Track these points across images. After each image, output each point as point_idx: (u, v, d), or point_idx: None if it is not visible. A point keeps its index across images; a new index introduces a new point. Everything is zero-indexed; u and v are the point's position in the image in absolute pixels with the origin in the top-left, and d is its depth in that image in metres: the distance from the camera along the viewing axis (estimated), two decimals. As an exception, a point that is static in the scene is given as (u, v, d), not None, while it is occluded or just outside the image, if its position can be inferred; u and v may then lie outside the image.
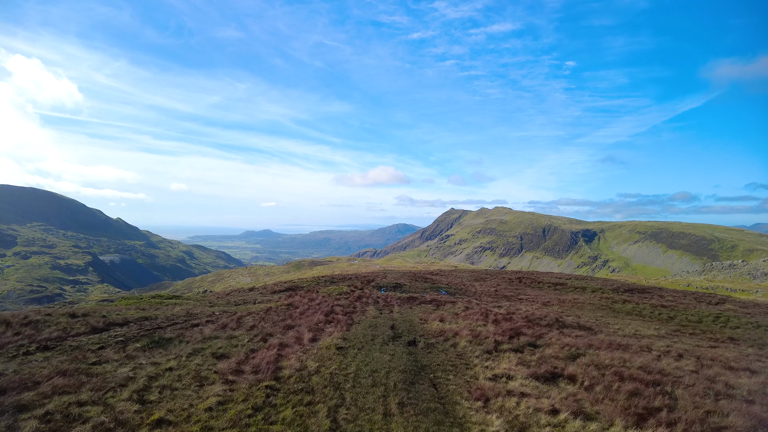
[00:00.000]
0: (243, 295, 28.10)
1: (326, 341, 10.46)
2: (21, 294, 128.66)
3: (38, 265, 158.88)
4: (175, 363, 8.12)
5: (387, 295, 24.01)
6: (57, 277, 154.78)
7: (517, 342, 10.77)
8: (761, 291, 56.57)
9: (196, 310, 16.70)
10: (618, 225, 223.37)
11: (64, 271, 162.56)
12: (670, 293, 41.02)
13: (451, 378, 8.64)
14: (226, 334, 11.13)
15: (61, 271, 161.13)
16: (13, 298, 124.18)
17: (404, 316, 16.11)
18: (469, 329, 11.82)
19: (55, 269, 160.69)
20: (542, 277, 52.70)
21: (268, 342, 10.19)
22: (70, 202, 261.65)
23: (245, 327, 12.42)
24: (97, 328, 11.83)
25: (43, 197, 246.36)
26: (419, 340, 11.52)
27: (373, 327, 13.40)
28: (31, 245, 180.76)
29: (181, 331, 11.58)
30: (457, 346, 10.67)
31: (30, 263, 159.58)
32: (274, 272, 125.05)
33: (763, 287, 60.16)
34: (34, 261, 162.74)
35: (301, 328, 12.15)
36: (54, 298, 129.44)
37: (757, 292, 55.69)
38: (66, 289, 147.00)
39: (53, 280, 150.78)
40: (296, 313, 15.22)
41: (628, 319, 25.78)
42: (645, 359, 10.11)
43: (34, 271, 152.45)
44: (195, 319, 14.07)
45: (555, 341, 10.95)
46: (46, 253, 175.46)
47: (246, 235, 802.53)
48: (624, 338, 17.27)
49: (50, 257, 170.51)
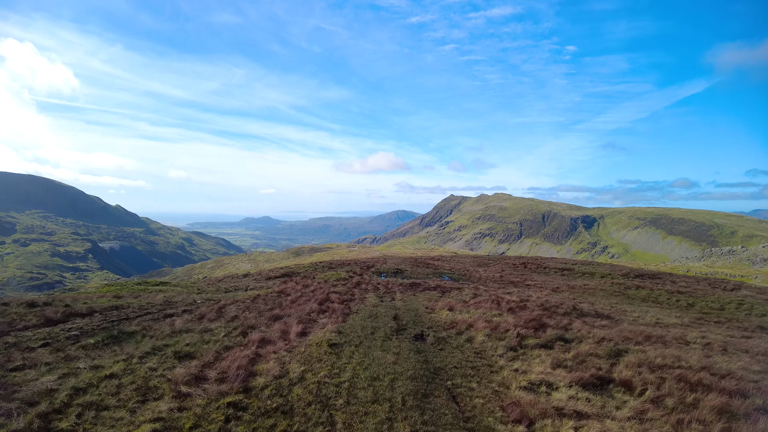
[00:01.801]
0: (236, 281, 26.54)
1: (317, 336, 8.76)
2: (21, 281, 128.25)
3: (38, 253, 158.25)
4: (121, 367, 6.34)
5: (388, 281, 22.39)
6: (57, 264, 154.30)
7: (543, 335, 9.08)
8: (761, 277, 55.09)
9: (177, 298, 15.07)
10: (618, 211, 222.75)
11: (64, 258, 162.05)
12: (682, 279, 39.48)
13: (475, 387, 6.78)
14: (200, 327, 9.46)
15: (60, 258, 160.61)
16: (13, 285, 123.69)
17: (408, 304, 14.49)
18: (484, 320, 10.16)
19: (54, 256, 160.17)
20: (548, 262, 51.14)
21: (248, 337, 8.51)
22: (68, 189, 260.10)
23: (226, 318, 10.77)
24: (53, 319, 10.18)
25: (41, 184, 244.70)
26: (427, 333, 9.85)
27: (373, 317, 11.76)
28: (30, 232, 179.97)
29: (149, 323, 9.93)
30: (473, 340, 8.97)
31: (29, 250, 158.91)
32: (273, 259, 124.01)
33: (762, 273, 58.89)
34: (33, 248, 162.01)
35: (290, 319, 10.49)
36: (54, 285, 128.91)
37: (756, 278, 54.22)
38: (66, 276, 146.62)
39: (53, 267, 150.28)
40: (287, 301, 13.57)
41: (644, 306, 24.30)
42: (696, 356, 8.45)
43: (33, 258, 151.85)
44: (172, 308, 12.43)
45: (586, 334, 9.32)
46: (46, 240, 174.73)
47: (245, 221, 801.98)
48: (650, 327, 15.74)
49: (50, 244, 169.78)
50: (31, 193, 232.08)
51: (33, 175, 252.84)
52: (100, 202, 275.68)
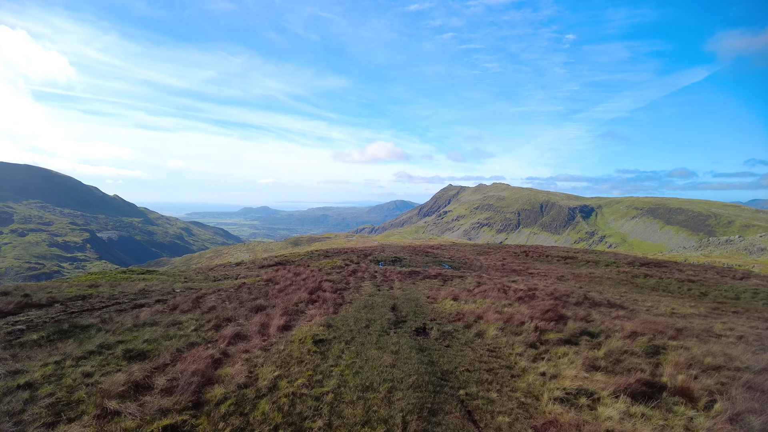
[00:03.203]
0: (227, 270, 25.34)
1: (302, 330, 7.49)
2: (19, 271, 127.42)
3: (35, 243, 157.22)
4: (48, 371, 4.99)
5: (386, 269, 21.15)
6: (55, 254, 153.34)
7: (565, 329, 7.82)
8: (758, 266, 54.22)
9: (157, 286, 13.84)
10: (615, 201, 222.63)
11: (62, 248, 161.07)
12: (689, 267, 38.39)
13: (495, 398, 5.27)
14: (169, 319, 8.22)
15: (58, 248, 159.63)
16: (11, 275, 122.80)
17: (407, 293, 13.25)
18: (494, 310, 8.93)
19: (52, 246, 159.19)
20: (549, 250, 50.00)
21: (220, 332, 7.26)
22: (66, 179, 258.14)
23: (202, 309, 9.54)
24: (2, 311, 8.92)
25: (38, 174, 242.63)
26: (430, 326, 8.60)
27: (368, 308, 10.52)
28: (27, 222, 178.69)
29: (111, 315, 8.71)
30: (484, 335, 7.70)
31: (27, 240, 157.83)
32: (272, 248, 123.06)
33: (759, 263, 58.14)
34: (31, 238, 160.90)
35: (273, 310, 9.25)
36: (52, 275, 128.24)
37: (754, 267, 53.32)
38: (64, 266, 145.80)
39: (51, 257, 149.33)
40: (274, 290, 12.32)
41: (655, 295, 23.19)
42: (744, 353, 7.22)
43: (31, 248, 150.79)
44: (146, 297, 11.20)
45: (612, 326, 8.10)
46: (43, 230, 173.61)
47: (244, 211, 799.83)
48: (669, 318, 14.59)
49: (47, 234, 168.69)
50: (29, 183, 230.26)
51: (30, 165, 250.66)
52: (98, 192, 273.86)
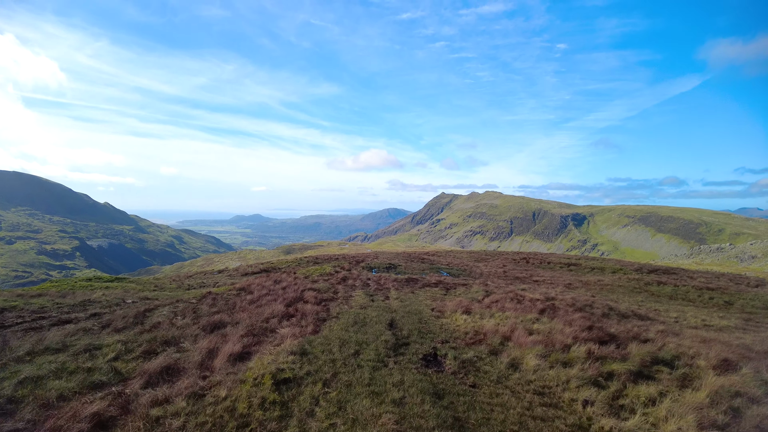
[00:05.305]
0: (206, 277, 23.09)
1: (263, 361, 5.24)
2: (5, 279, 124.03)
3: (23, 251, 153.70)
4: None
5: (380, 276, 18.97)
6: (43, 262, 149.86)
7: (627, 354, 5.65)
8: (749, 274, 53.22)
9: (108, 297, 11.61)
10: (607, 209, 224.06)
11: (51, 256, 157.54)
12: (700, 274, 36.61)
13: None
14: (85, 342, 6.06)
15: (47, 256, 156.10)
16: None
17: (407, 304, 11.04)
18: (523, 328, 6.76)
19: (41, 254, 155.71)
20: (550, 257, 48.09)
21: (146, 364, 5.09)
22: (56, 187, 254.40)
23: (144, 326, 7.38)
24: None
25: (28, 181, 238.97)
26: (443, 351, 6.23)
27: (359, 325, 8.30)
28: (15, 230, 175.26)
29: (16, 335, 6.46)
30: (521, 366, 5.46)
31: (15, 248, 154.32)
32: (263, 256, 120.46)
33: (750, 270, 57.12)
34: (19, 246, 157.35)
35: (235, 328, 7.09)
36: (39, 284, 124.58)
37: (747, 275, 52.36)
38: (52, 274, 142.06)
39: (39, 265, 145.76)
40: (245, 301, 10.12)
41: (674, 304, 21.27)
42: None
43: (19, 256, 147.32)
44: (82, 310, 8.99)
45: (687, 350, 6.01)
46: (32, 237, 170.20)
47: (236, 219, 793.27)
48: (714, 332, 12.70)
49: (36, 242, 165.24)
50: (18, 190, 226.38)
51: (19, 172, 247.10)
52: (89, 199, 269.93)
